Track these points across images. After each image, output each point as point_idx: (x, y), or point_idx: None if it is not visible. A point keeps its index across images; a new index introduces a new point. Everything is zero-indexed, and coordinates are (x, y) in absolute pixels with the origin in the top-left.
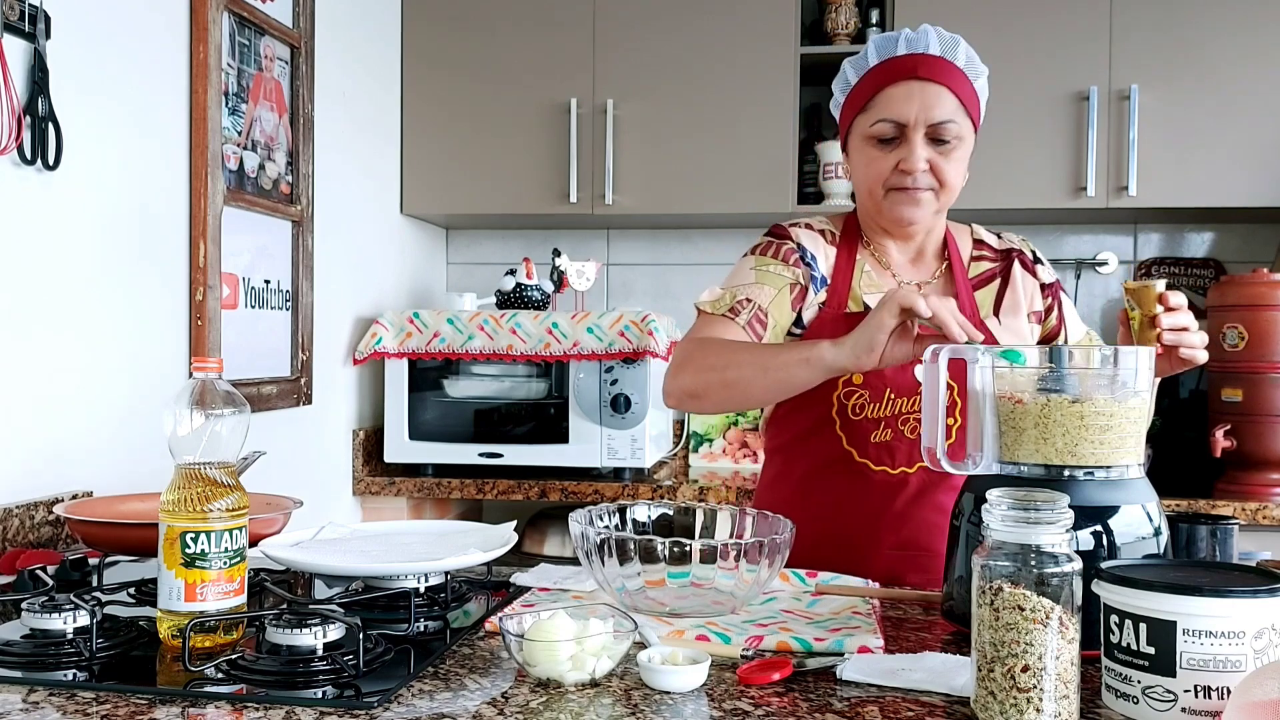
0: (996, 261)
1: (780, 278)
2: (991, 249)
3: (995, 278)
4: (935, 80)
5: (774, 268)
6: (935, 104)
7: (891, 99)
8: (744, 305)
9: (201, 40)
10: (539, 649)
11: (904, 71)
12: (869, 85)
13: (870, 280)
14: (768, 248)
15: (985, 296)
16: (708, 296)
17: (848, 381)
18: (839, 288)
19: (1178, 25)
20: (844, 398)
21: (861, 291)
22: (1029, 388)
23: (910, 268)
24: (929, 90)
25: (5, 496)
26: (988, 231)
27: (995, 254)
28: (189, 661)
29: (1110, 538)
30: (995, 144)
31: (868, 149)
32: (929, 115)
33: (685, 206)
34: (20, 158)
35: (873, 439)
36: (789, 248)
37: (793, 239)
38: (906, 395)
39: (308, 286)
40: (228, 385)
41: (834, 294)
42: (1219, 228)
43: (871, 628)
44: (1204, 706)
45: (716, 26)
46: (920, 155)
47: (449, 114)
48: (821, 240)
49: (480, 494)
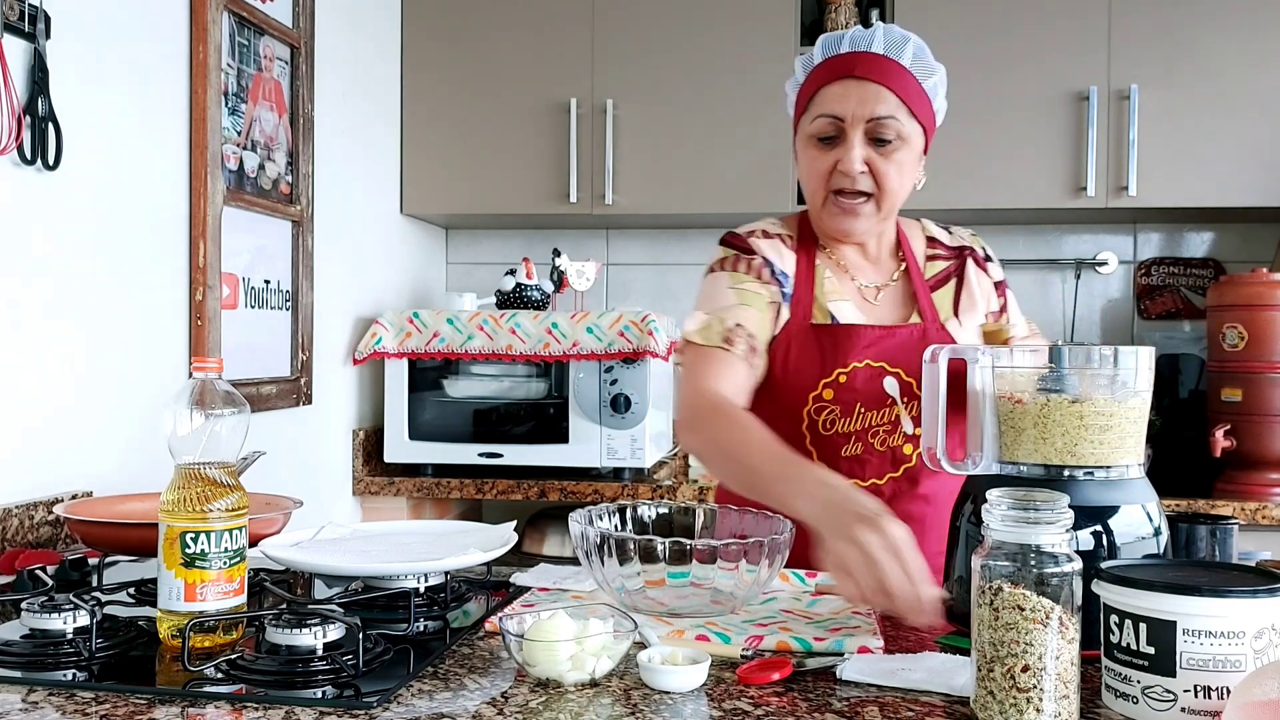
0: (951, 260)
1: (760, 296)
2: (945, 246)
3: (951, 277)
4: (873, 79)
5: (751, 285)
6: (873, 100)
7: (828, 96)
8: (736, 333)
9: (201, 40)
10: (539, 649)
11: (843, 69)
12: (811, 84)
13: (833, 287)
14: (738, 262)
15: (943, 298)
16: (694, 325)
17: (818, 397)
18: (803, 298)
19: (1178, 25)
20: (814, 413)
21: (826, 300)
22: (1029, 388)
23: (869, 269)
24: (867, 88)
25: (5, 496)
26: (938, 227)
27: (949, 252)
28: (188, 661)
29: (1110, 538)
30: (995, 144)
31: (809, 149)
32: (866, 111)
33: (685, 206)
34: (20, 158)
35: (843, 453)
36: (759, 263)
37: (758, 252)
38: (876, 408)
39: (307, 286)
40: (227, 385)
41: (798, 305)
42: (1219, 227)
43: (871, 628)
44: (1204, 706)
45: (716, 26)
46: (857, 155)
47: (449, 114)
48: (782, 247)
49: (480, 494)
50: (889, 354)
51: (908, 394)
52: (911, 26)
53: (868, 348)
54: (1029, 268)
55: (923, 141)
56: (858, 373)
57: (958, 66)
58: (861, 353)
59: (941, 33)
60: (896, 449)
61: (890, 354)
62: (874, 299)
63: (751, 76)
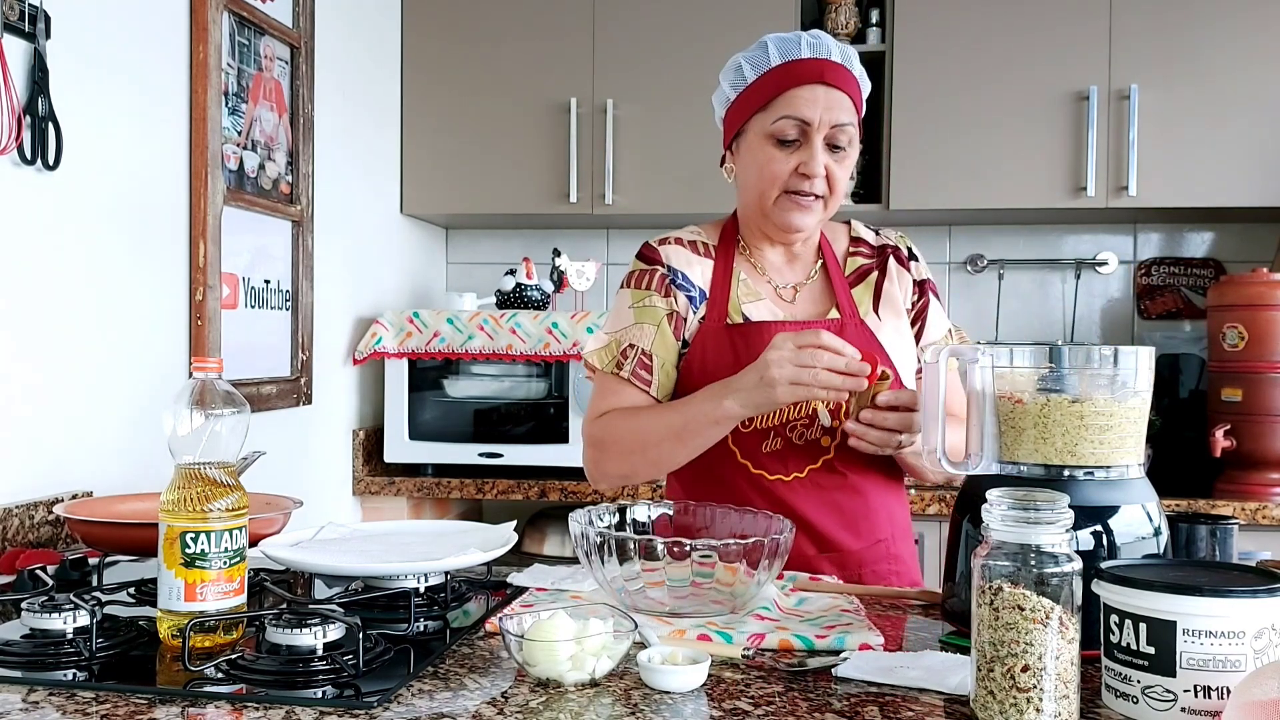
0: (872, 258)
1: (656, 311)
2: (868, 245)
3: (871, 272)
4: (839, 87)
5: (649, 300)
6: (838, 108)
7: (796, 100)
8: (627, 354)
9: (201, 40)
10: (539, 649)
11: (811, 75)
12: (771, 85)
13: (748, 288)
14: (640, 278)
15: (863, 293)
16: (594, 346)
17: None
18: (718, 299)
19: (1178, 25)
20: None
21: (740, 301)
22: (1029, 387)
23: (786, 269)
24: (833, 95)
25: (5, 496)
26: (866, 228)
27: (871, 250)
28: (189, 661)
29: (1110, 538)
30: (995, 144)
31: (766, 148)
32: (833, 117)
33: (685, 206)
34: (20, 158)
35: (764, 449)
36: (660, 274)
37: (662, 262)
38: (793, 404)
39: (308, 286)
40: (228, 385)
41: (713, 306)
42: (1218, 227)
43: (866, 624)
44: (1204, 706)
45: (716, 27)
46: (821, 160)
47: (449, 114)
48: (692, 255)
49: (480, 494)
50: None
51: None
52: (912, 27)
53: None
54: (1029, 268)
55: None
56: None
57: (958, 67)
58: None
59: (942, 33)
60: (814, 442)
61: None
62: (790, 299)
63: None
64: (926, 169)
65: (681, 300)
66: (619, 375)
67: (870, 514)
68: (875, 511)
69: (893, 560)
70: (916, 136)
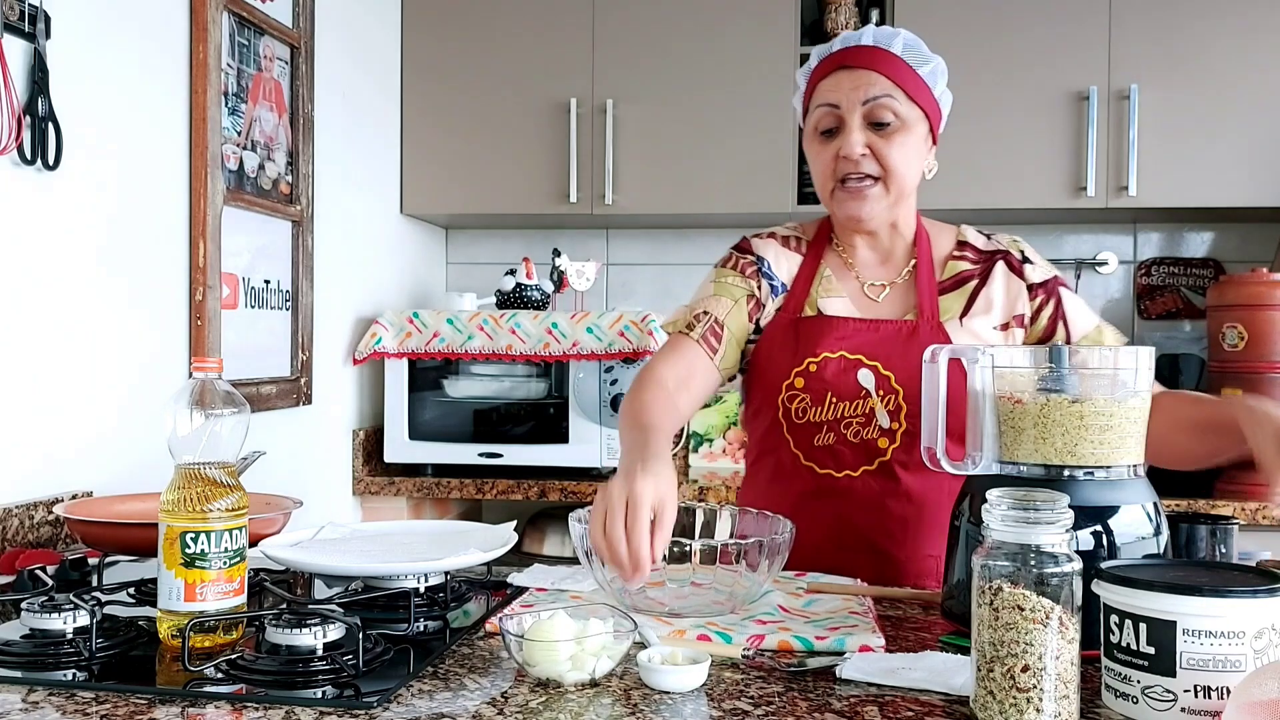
0: (978, 264)
1: (738, 289)
2: (976, 250)
3: (972, 279)
4: (863, 66)
5: (731, 279)
6: (864, 85)
7: (824, 89)
8: (700, 319)
9: (201, 40)
10: (539, 649)
11: (835, 62)
12: (809, 86)
13: (830, 285)
14: (728, 260)
15: (955, 300)
16: (671, 316)
17: (790, 385)
18: (797, 293)
19: (1177, 25)
20: (787, 401)
21: (818, 296)
22: (1029, 388)
23: (879, 268)
24: (858, 74)
25: (5, 496)
26: (978, 233)
27: (978, 256)
28: (188, 661)
29: (1110, 538)
30: (995, 144)
31: (813, 144)
32: (860, 95)
33: (685, 206)
34: (20, 158)
35: (815, 442)
36: (747, 260)
37: (753, 251)
38: (849, 399)
39: (308, 286)
40: (227, 385)
41: (791, 298)
42: (1218, 227)
43: (870, 626)
44: (1204, 706)
45: (717, 27)
46: (857, 140)
47: (449, 114)
48: (784, 249)
49: (480, 494)
50: (868, 347)
51: (883, 387)
52: (911, 27)
53: (842, 339)
54: None
55: (925, 126)
56: (829, 363)
57: (958, 67)
58: (835, 343)
59: (941, 33)
60: (871, 441)
61: (870, 347)
62: (877, 297)
63: (752, 76)
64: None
65: (764, 288)
66: (688, 335)
67: (923, 525)
68: (928, 524)
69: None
70: None
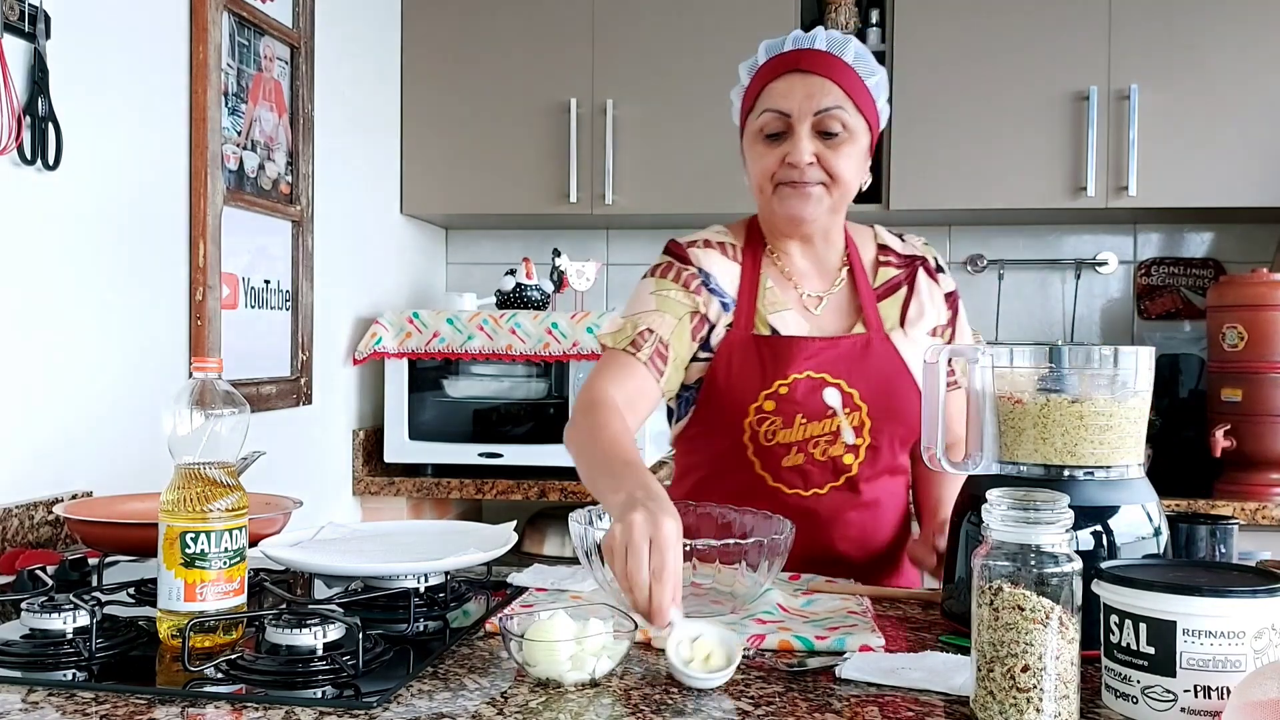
0: (901, 268)
1: (681, 305)
2: (896, 254)
3: (900, 286)
4: (818, 72)
5: (674, 293)
6: (819, 94)
7: (774, 92)
8: (645, 337)
9: (201, 40)
10: (539, 649)
11: (787, 65)
12: (756, 83)
13: (774, 297)
14: (667, 269)
15: (891, 308)
16: (609, 328)
17: (759, 409)
18: (745, 308)
19: (1177, 25)
20: (755, 424)
21: (766, 312)
22: (1029, 388)
23: (814, 276)
24: (812, 81)
25: (5, 496)
26: (890, 234)
27: (900, 260)
28: (188, 661)
29: (1110, 538)
30: (995, 144)
31: (756, 146)
32: (813, 104)
33: (685, 206)
34: (20, 158)
35: (784, 463)
36: (690, 273)
37: (692, 262)
38: (816, 419)
39: (308, 286)
40: (227, 385)
41: (740, 315)
42: (1218, 228)
43: (870, 626)
44: (1204, 706)
45: (716, 27)
46: (806, 148)
47: (449, 114)
48: (722, 257)
49: (480, 494)
50: (830, 365)
51: (848, 404)
52: (912, 27)
53: (809, 359)
54: (1029, 268)
55: (868, 139)
56: (798, 384)
57: (958, 67)
58: (802, 364)
59: (942, 33)
60: (837, 459)
61: (831, 365)
62: (816, 309)
63: None
64: (926, 169)
65: (715, 306)
66: (635, 355)
67: (876, 528)
68: (880, 525)
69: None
70: (916, 136)
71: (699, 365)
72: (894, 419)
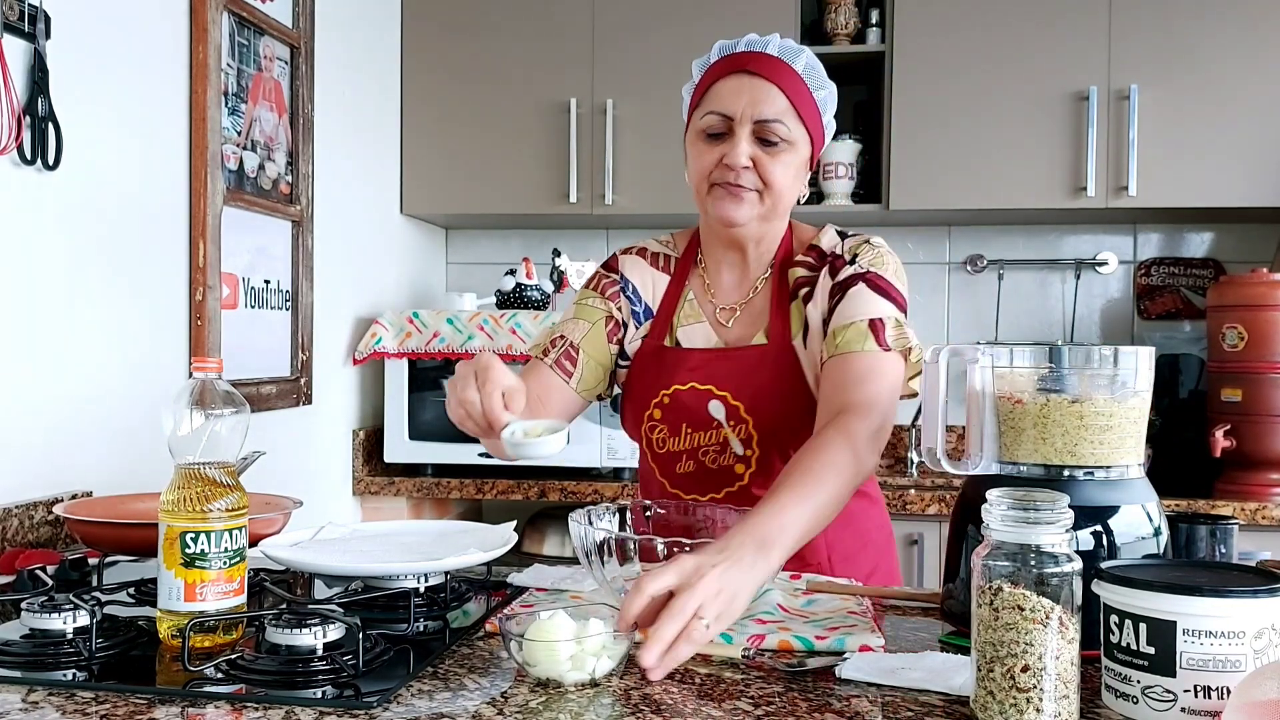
0: (815, 269)
1: (596, 311)
2: (818, 254)
3: (805, 287)
4: (766, 77)
5: (592, 301)
6: (764, 100)
7: (720, 93)
8: (556, 343)
9: (201, 40)
10: (539, 649)
11: (736, 65)
12: (705, 81)
13: (690, 310)
14: (593, 280)
15: (797, 313)
16: (535, 338)
17: (650, 416)
18: (661, 319)
19: (1177, 25)
20: (649, 431)
21: (678, 325)
22: (1029, 388)
23: (735, 288)
24: (759, 86)
25: (5, 496)
26: (835, 234)
27: (818, 260)
28: (188, 661)
29: (1110, 538)
30: (995, 144)
31: (697, 144)
32: (756, 111)
33: (685, 206)
34: (20, 158)
35: (678, 470)
36: (610, 280)
37: (619, 270)
38: (703, 429)
39: (307, 286)
40: (227, 385)
41: (657, 325)
42: (1218, 228)
43: (870, 626)
44: (1204, 706)
45: (716, 26)
46: (744, 150)
47: (449, 114)
48: (650, 268)
49: (480, 494)
50: (719, 377)
51: (733, 416)
52: (912, 27)
53: (694, 370)
54: (1029, 268)
55: (809, 151)
56: (681, 394)
57: (958, 67)
58: (686, 375)
59: (942, 33)
60: (728, 468)
61: (720, 377)
62: (728, 321)
63: None
64: (926, 169)
65: (625, 309)
66: (542, 360)
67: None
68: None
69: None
70: (916, 136)
71: (622, 372)
72: (786, 430)
